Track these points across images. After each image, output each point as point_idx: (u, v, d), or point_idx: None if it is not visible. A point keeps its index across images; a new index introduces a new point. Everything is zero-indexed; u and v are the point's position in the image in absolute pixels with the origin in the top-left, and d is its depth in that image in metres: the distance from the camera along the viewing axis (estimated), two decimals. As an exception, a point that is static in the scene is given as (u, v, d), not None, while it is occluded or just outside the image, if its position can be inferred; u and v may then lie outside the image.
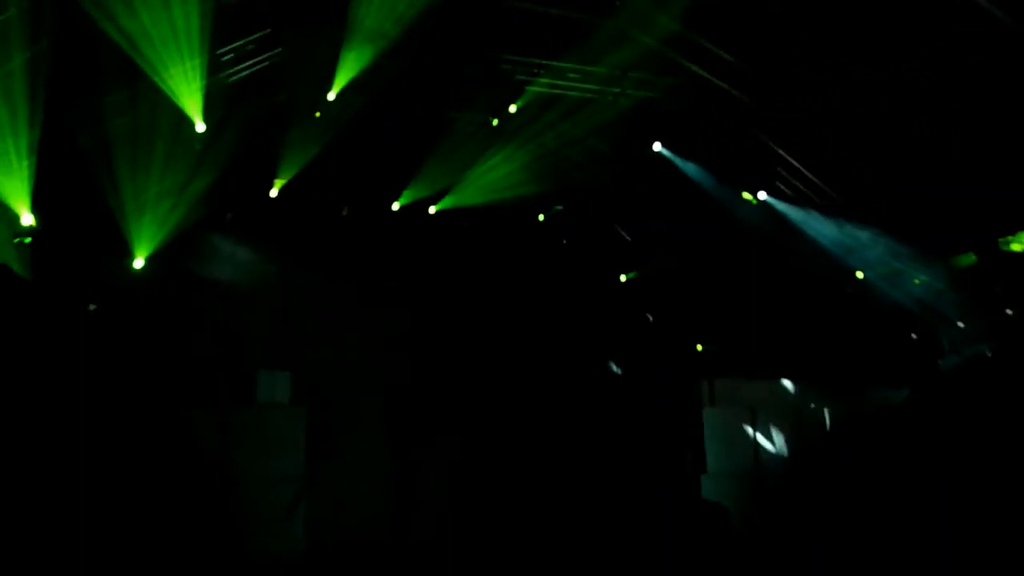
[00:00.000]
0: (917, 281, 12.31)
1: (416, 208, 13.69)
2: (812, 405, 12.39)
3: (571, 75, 11.62)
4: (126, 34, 9.33)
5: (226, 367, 11.42)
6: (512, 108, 12.02)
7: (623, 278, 15.60)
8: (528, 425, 13.58)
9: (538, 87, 11.79)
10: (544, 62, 11.45)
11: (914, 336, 12.49)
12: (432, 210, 13.79)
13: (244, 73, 10.89)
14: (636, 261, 15.36)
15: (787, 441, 12.01)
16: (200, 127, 10.55)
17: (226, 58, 10.52)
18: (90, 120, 10.27)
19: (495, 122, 12.38)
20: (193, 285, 12.33)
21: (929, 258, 11.92)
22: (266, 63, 10.93)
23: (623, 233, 15.26)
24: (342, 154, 12.21)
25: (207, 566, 9.33)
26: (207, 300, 12.52)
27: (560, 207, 14.92)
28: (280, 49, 10.85)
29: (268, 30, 10.60)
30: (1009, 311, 11.42)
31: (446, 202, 13.69)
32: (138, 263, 11.35)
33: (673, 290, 14.79)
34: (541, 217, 15.11)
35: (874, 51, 10.16)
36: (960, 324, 12.01)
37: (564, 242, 15.38)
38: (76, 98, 9.88)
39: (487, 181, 13.23)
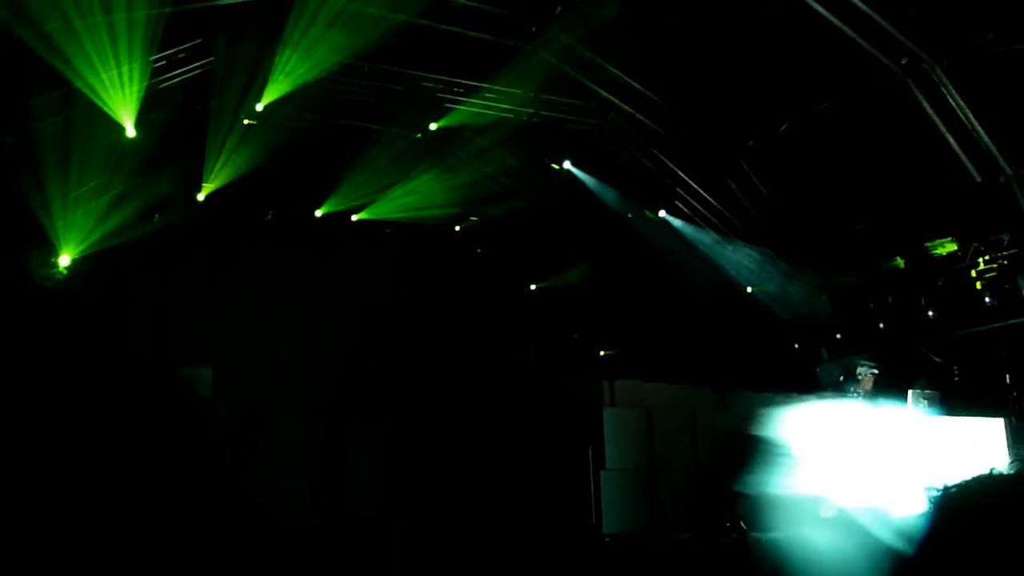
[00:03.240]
0: (799, 296, 13.08)
1: (338, 216, 13.95)
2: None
3: (489, 96, 11.99)
4: (50, 40, 9.51)
5: (150, 364, 11.63)
6: (433, 126, 12.38)
7: (533, 287, 16.22)
8: (446, 416, 13.99)
9: (459, 106, 12.11)
10: (465, 82, 11.79)
11: (796, 346, 13.41)
12: (354, 218, 14.10)
13: (176, 80, 11.12)
14: (546, 271, 15.93)
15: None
16: (131, 132, 10.69)
17: (159, 64, 10.75)
18: (17, 121, 10.38)
19: (418, 136, 12.72)
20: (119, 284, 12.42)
21: (811, 276, 12.74)
22: (198, 71, 11.12)
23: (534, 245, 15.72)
24: (269, 162, 12.36)
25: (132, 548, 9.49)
26: (132, 298, 12.64)
27: (475, 219, 15.40)
28: (212, 59, 11.09)
29: (200, 40, 10.88)
30: (881, 325, 12.50)
31: (367, 212, 13.98)
32: (64, 261, 11.48)
33: (580, 299, 15.49)
34: (457, 228, 15.61)
35: (773, 84, 11.01)
36: (838, 336, 13.07)
37: (478, 251, 15.92)
38: (5, 98, 10.02)
39: (406, 202, 13.58)
